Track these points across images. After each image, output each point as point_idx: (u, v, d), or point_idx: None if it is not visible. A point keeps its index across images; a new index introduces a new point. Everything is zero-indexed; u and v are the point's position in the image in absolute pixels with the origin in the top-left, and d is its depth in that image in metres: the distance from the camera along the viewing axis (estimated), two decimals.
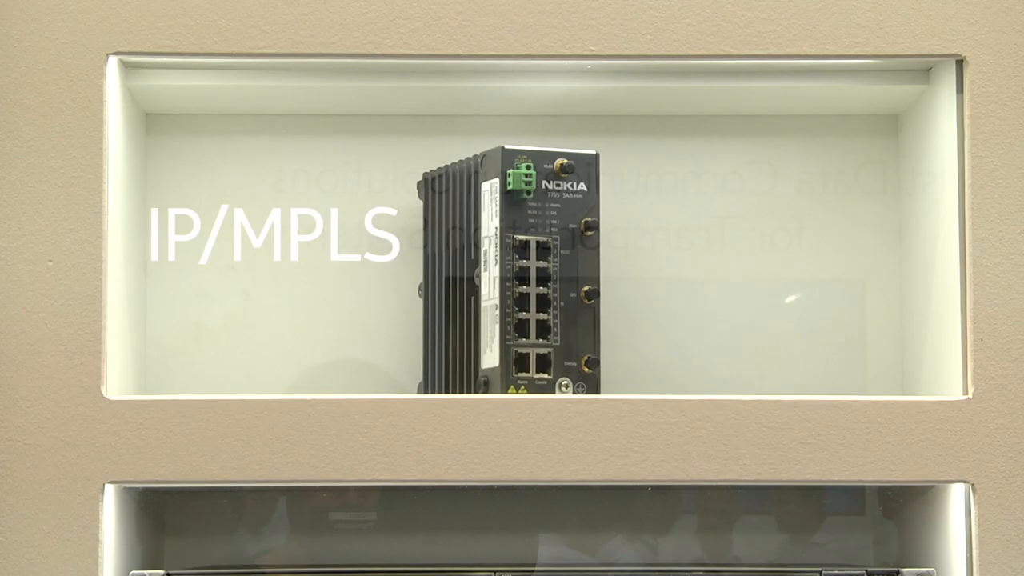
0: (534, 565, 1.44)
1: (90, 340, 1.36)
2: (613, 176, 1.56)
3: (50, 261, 1.37)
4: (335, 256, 1.60)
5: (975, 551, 1.36)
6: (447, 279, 1.52)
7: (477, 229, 1.48)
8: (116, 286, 1.42)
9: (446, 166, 1.53)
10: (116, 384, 1.42)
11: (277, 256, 1.60)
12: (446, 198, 1.52)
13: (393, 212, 1.59)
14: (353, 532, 1.61)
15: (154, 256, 1.59)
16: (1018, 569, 1.35)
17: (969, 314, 1.39)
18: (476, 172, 1.48)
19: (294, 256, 1.60)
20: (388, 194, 1.59)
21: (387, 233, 1.60)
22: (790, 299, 1.63)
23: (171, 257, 1.59)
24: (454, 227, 1.51)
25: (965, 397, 1.38)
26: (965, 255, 1.40)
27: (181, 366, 1.59)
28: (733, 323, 1.62)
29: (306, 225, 1.60)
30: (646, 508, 1.61)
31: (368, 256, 1.60)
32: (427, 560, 1.52)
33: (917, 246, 1.55)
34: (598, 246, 1.48)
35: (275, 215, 1.60)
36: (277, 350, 1.60)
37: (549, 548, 1.60)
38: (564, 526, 1.59)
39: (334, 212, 1.59)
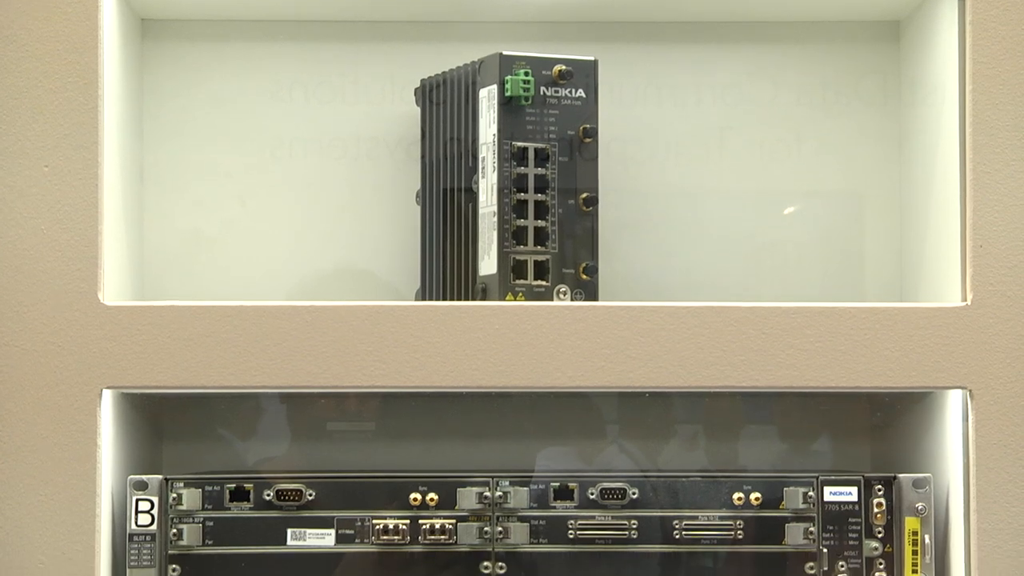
0: (531, 471, 1.44)
1: (87, 246, 1.36)
2: (612, 86, 1.55)
3: (46, 167, 1.36)
4: (332, 163, 1.59)
5: (972, 457, 1.36)
6: (445, 186, 1.51)
7: (475, 136, 1.47)
8: (112, 192, 1.42)
9: (444, 73, 1.52)
10: (113, 290, 1.42)
11: (274, 164, 1.60)
12: (444, 106, 1.51)
13: (390, 118, 1.58)
14: (351, 439, 1.61)
15: (150, 163, 1.58)
16: (1015, 474, 1.36)
17: (968, 221, 1.38)
18: (474, 78, 1.47)
19: (291, 164, 1.60)
20: (385, 100, 1.59)
21: (384, 140, 1.59)
22: (788, 210, 1.63)
23: (167, 164, 1.59)
24: (452, 137, 1.50)
25: (964, 303, 1.38)
26: (965, 162, 1.39)
27: (178, 273, 1.59)
28: (731, 233, 1.62)
29: (303, 132, 1.59)
30: (644, 415, 1.61)
31: (365, 163, 1.59)
32: (424, 466, 1.52)
33: (917, 156, 1.55)
34: (597, 155, 1.48)
35: (272, 121, 1.59)
36: (274, 258, 1.59)
37: (546, 455, 1.61)
38: (561, 433, 1.60)
39: (331, 118, 1.59)
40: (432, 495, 1.43)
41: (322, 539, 1.43)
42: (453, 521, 1.43)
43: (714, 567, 1.43)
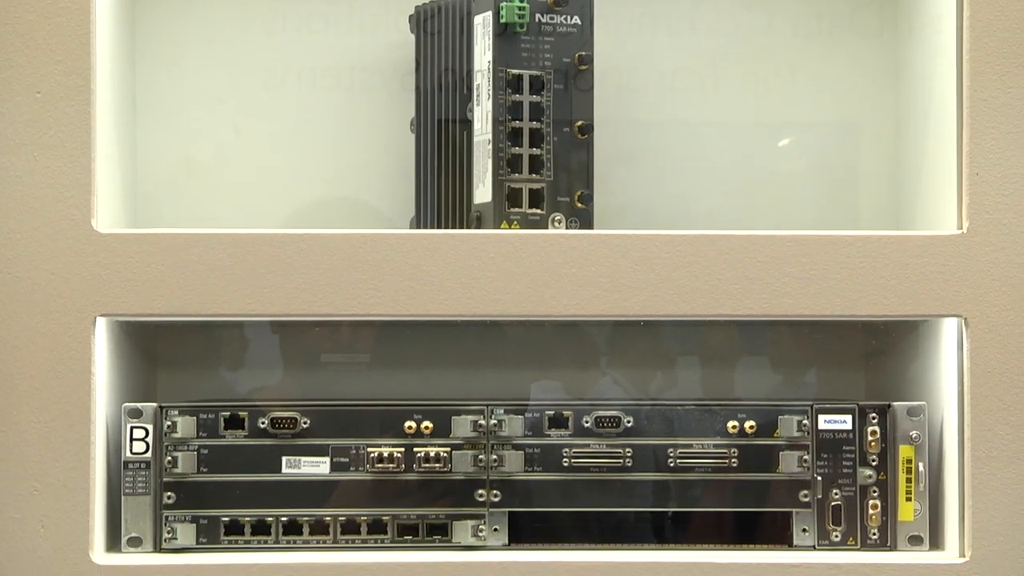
0: (527, 400, 1.44)
1: (80, 173, 1.35)
2: (607, 15, 1.54)
3: (38, 93, 1.36)
4: (326, 92, 1.59)
5: (967, 385, 1.37)
6: (439, 115, 1.50)
7: (470, 64, 1.46)
8: (105, 119, 1.41)
9: (438, 0, 1.51)
10: (106, 217, 1.41)
11: (267, 93, 1.59)
12: (438, 34, 1.50)
13: (385, 47, 1.57)
14: (345, 369, 1.61)
15: (143, 91, 1.57)
16: (1009, 402, 1.36)
17: (965, 149, 1.38)
18: (469, 6, 1.46)
19: (284, 93, 1.59)
20: (379, 29, 1.58)
21: (378, 68, 1.58)
22: (783, 143, 1.62)
23: (160, 92, 1.58)
24: (447, 66, 1.49)
25: (959, 232, 1.38)
26: (962, 90, 1.38)
27: (171, 201, 1.58)
28: (727, 164, 1.62)
29: (297, 61, 1.58)
30: (638, 344, 1.61)
31: (359, 92, 1.59)
32: (420, 395, 1.52)
33: (914, 85, 1.54)
34: (592, 86, 1.47)
35: (265, 50, 1.58)
36: (268, 187, 1.59)
37: (542, 383, 1.61)
38: (556, 362, 1.60)
39: (325, 47, 1.58)
40: (427, 423, 1.43)
41: (317, 467, 1.43)
42: (448, 449, 1.43)
43: (708, 495, 1.43)
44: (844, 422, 1.43)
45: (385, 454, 1.42)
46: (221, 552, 1.41)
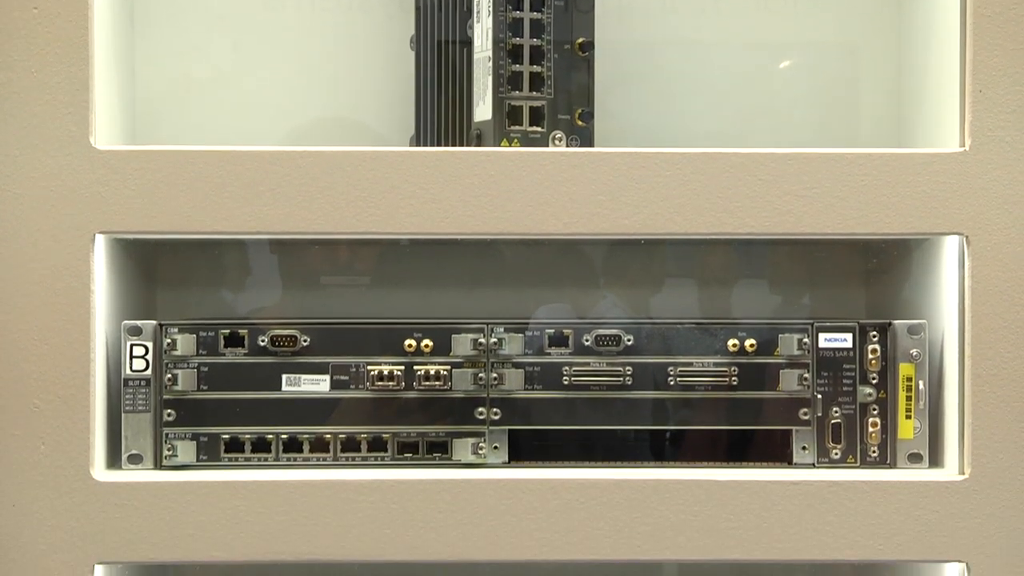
0: (526, 319, 1.44)
1: (78, 89, 1.35)
2: None
3: (35, 9, 1.34)
4: (325, 9, 1.58)
5: (967, 303, 1.36)
6: (439, 32, 1.49)
7: None
8: (103, 35, 1.40)
9: None
10: (105, 134, 1.40)
11: (266, 10, 1.58)
12: None
13: None
14: (345, 288, 1.61)
15: (141, 6, 1.56)
16: (1009, 320, 1.36)
17: (968, 66, 1.37)
18: None
19: (284, 10, 1.58)
20: None
21: None
22: (784, 64, 1.61)
23: (159, 8, 1.57)
24: None
25: (962, 149, 1.37)
26: (966, 6, 1.37)
27: (170, 118, 1.57)
28: (728, 84, 1.61)
29: None
30: (639, 263, 1.61)
31: (358, 9, 1.58)
32: (420, 314, 1.52)
33: (916, 2, 1.53)
34: (593, 6, 1.46)
35: None
36: (267, 105, 1.58)
37: (551, 307, 1.61)
38: (557, 281, 1.60)
39: None
40: (427, 342, 1.43)
41: (317, 385, 1.43)
42: (448, 367, 1.43)
43: (708, 413, 1.43)
44: (844, 340, 1.43)
45: (385, 372, 1.42)
46: (221, 469, 1.42)
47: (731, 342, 1.43)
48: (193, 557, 1.35)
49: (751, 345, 1.43)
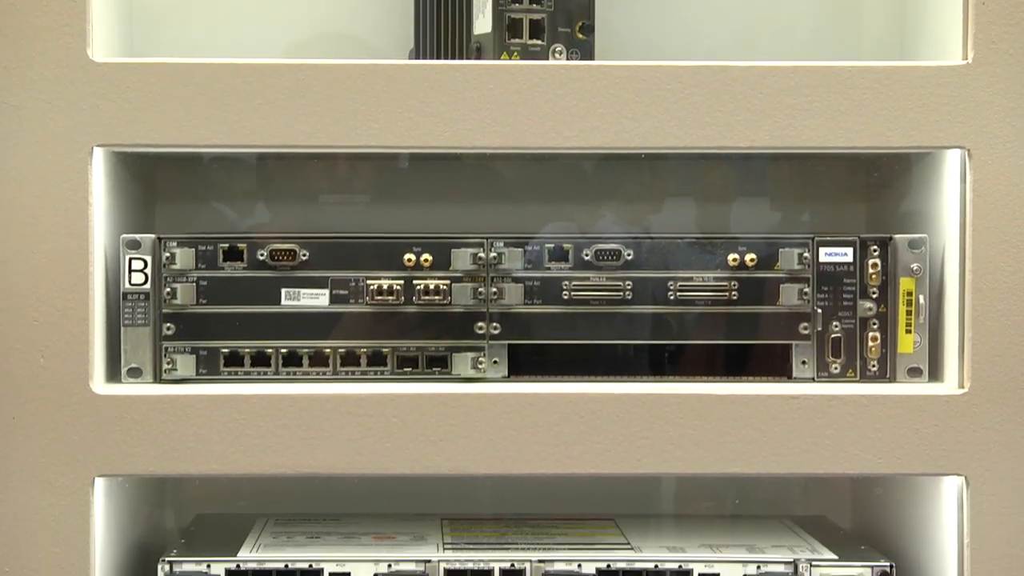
0: (526, 233, 1.43)
1: (75, 1, 1.33)
2: None
3: None
4: None
5: (968, 217, 1.36)
6: None
7: None
8: None
9: None
10: (103, 46, 1.39)
11: None
12: None
13: None
14: (345, 203, 1.61)
15: None
16: (1010, 234, 1.35)
17: None
18: None
19: None
20: None
21: None
22: None
23: None
24: None
25: (964, 62, 1.36)
26: None
27: (168, 30, 1.56)
28: None
29: None
30: (639, 180, 1.61)
31: None
32: (419, 229, 1.51)
33: None
34: None
35: None
36: (265, 17, 1.57)
37: (542, 218, 1.60)
38: (557, 196, 1.59)
39: None
40: (426, 256, 1.42)
41: (316, 299, 1.43)
42: (447, 282, 1.43)
43: (708, 328, 1.43)
44: (845, 255, 1.43)
45: (384, 287, 1.42)
46: (221, 383, 1.42)
47: (731, 257, 1.43)
48: (193, 470, 1.36)
49: (751, 260, 1.43)
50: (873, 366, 1.43)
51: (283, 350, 1.42)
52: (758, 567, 1.42)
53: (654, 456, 1.37)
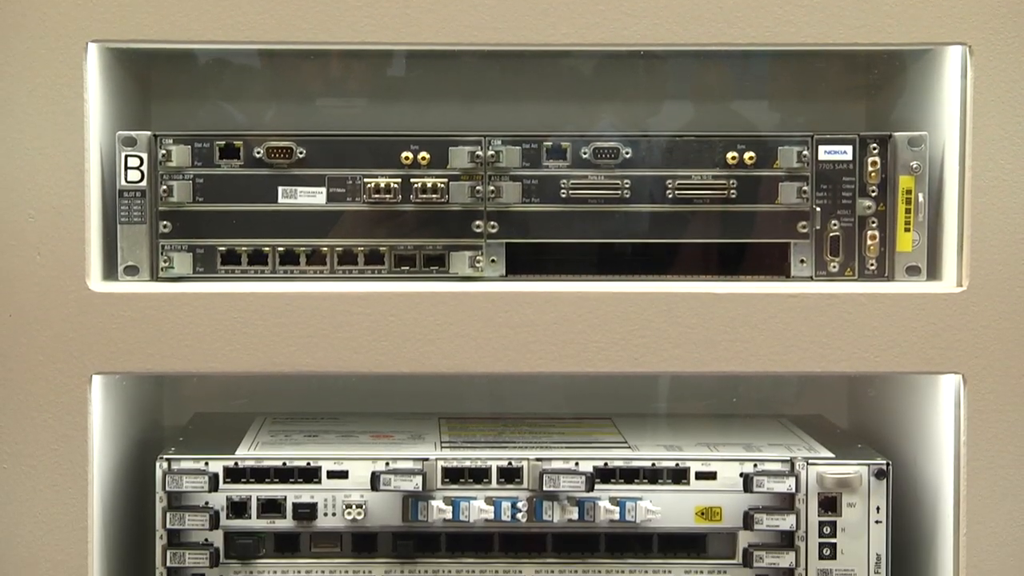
0: (524, 132, 1.43)
1: None
2: None
3: None
4: None
5: (969, 115, 1.35)
6: None
7: None
8: None
9: None
10: None
11: None
12: None
13: None
14: (343, 103, 1.60)
15: None
16: (1011, 131, 1.34)
17: None
18: None
19: None
20: None
21: None
22: None
23: None
24: None
25: None
26: None
27: None
28: None
29: None
30: (638, 76, 1.60)
31: None
32: (417, 128, 1.50)
33: None
34: None
35: None
36: None
37: (540, 117, 1.60)
38: (555, 95, 1.58)
39: None
40: (424, 154, 1.42)
41: (313, 197, 1.42)
42: (445, 180, 1.42)
43: (706, 226, 1.43)
44: (844, 152, 1.42)
45: (382, 185, 1.42)
46: (218, 281, 1.41)
47: (730, 155, 1.42)
48: (190, 368, 1.36)
49: (750, 158, 1.42)
50: (871, 265, 1.42)
51: (280, 248, 1.42)
52: (754, 465, 1.42)
53: (651, 355, 1.37)
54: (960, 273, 1.37)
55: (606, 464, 1.43)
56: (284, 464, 1.42)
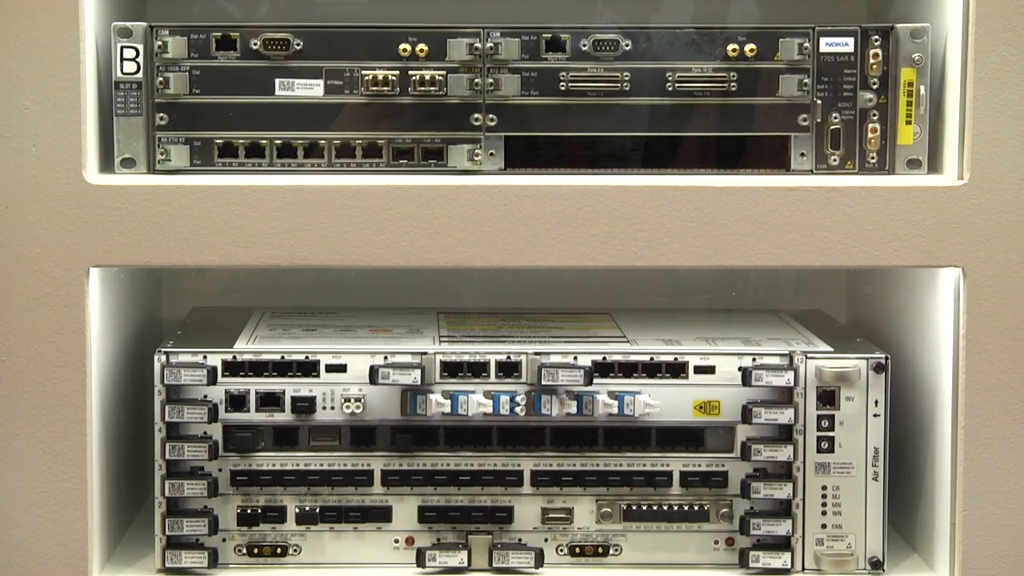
0: (523, 23, 1.41)
1: None
2: None
3: None
4: None
5: (972, 5, 1.34)
6: None
7: None
8: None
9: None
10: None
11: None
12: None
13: None
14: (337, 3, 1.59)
15: None
16: (1014, 22, 1.33)
17: None
18: None
19: None
20: None
21: None
22: None
23: None
24: None
25: None
26: None
27: None
28: None
29: None
30: None
31: None
32: (415, 20, 1.49)
33: None
34: None
35: None
36: None
37: (538, 10, 1.58)
38: None
39: None
40: (422, 46, 1.40)
41: (310, 90, 1.41)
42: (443, 73, 1.41)
43: (706, 119, 1.42)
44: (846, 44, 1.41)
45: (380, 77, 1.40)
46: (215, 174, 1.41)
47: (730, 47, 1.41)
48: (187, 261, 1.35)
49: (751, 50, 1.41)
50: (872, 158, 1.42)
51: (277, 141, 1.41)
52: (753, 359, 1.42)
53: (651, 249, 1.36)
54: (961, 166, 1.36)
55: (605, 358, 1.43)
56: (282, 358, 1.42)
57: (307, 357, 1.42)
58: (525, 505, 1.44)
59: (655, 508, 1.44)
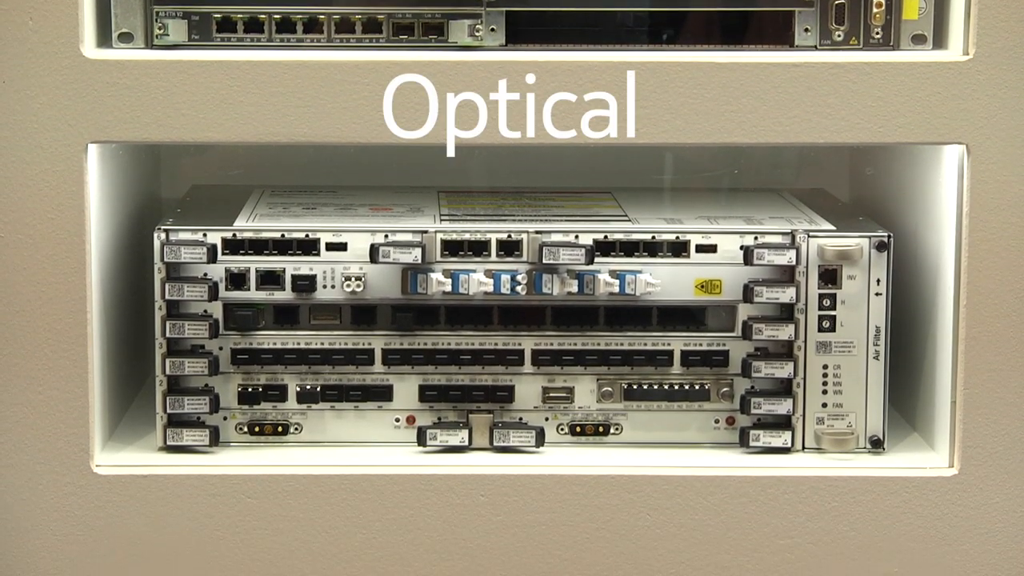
0: None
1: None
2: None
3: None
4: None
5: None
6: None
7: None
8: None
9: None
10: None
11: None
12: None
13: None
14: None
15: None
16: None
17: None
18: None
19: None
20: None
21: None
22: None
23: None
24: None
25: None
26: None
27: None
28: None
29: None
30: None
31: None
32: None
33: None
34: None
35: None
36: None
37: None
38: None
39: None
40: None
41: None
42: None
43: None
44: None
45: None
46: (213, 49, 1.39)
47: None
48: (186, 137, 1.34)
49: None
50: (877, 33, 1.40)
51: (276, 16, 1.40)
52: (755, 238, 1.42)
53: (652, 126, 1.35)
54: (967, 41, 1.35)
55: (606, 237, 1.42)
56: (283, 236, 1.42)
57: (307, 235, 1.42)
58: (526, 384, 1.44)
59: (656, 387, 1.44)
